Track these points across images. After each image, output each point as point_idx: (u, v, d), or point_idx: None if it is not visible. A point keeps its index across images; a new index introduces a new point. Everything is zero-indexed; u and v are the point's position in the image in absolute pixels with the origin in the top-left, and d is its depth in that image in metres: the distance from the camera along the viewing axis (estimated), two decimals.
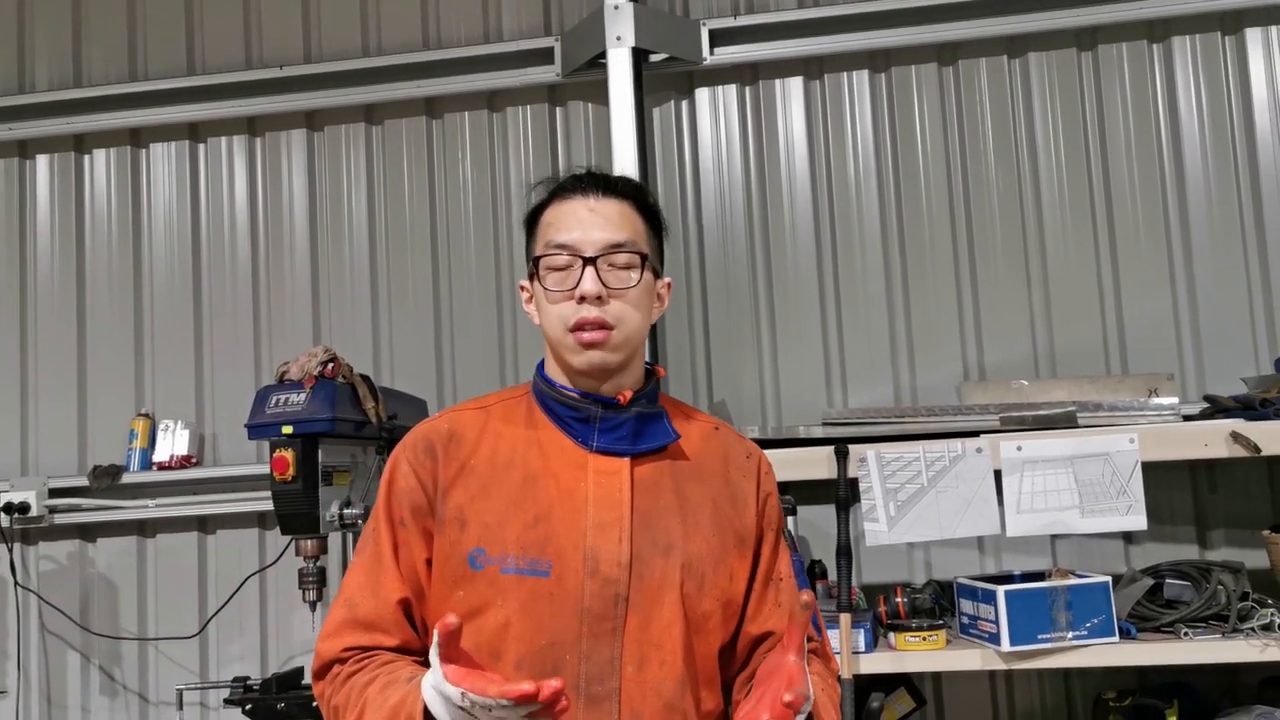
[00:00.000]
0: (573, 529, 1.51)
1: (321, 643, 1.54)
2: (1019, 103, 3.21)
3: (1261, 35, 3.12)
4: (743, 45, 3.27)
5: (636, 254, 1.56)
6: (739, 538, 1.60)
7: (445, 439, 1.58)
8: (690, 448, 1.63)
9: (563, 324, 1.53)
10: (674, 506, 1.56)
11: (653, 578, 1.51)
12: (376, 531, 1.58)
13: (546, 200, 1.62)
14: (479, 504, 1.53)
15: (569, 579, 1.49)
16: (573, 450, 1.56)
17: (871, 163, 3.25)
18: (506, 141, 3.41)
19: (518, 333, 3.33)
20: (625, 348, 1.55)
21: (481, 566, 1.50)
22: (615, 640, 1.49)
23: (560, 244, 1.54)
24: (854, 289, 3.22)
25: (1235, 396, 2.68)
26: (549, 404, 1.60)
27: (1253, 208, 3.08)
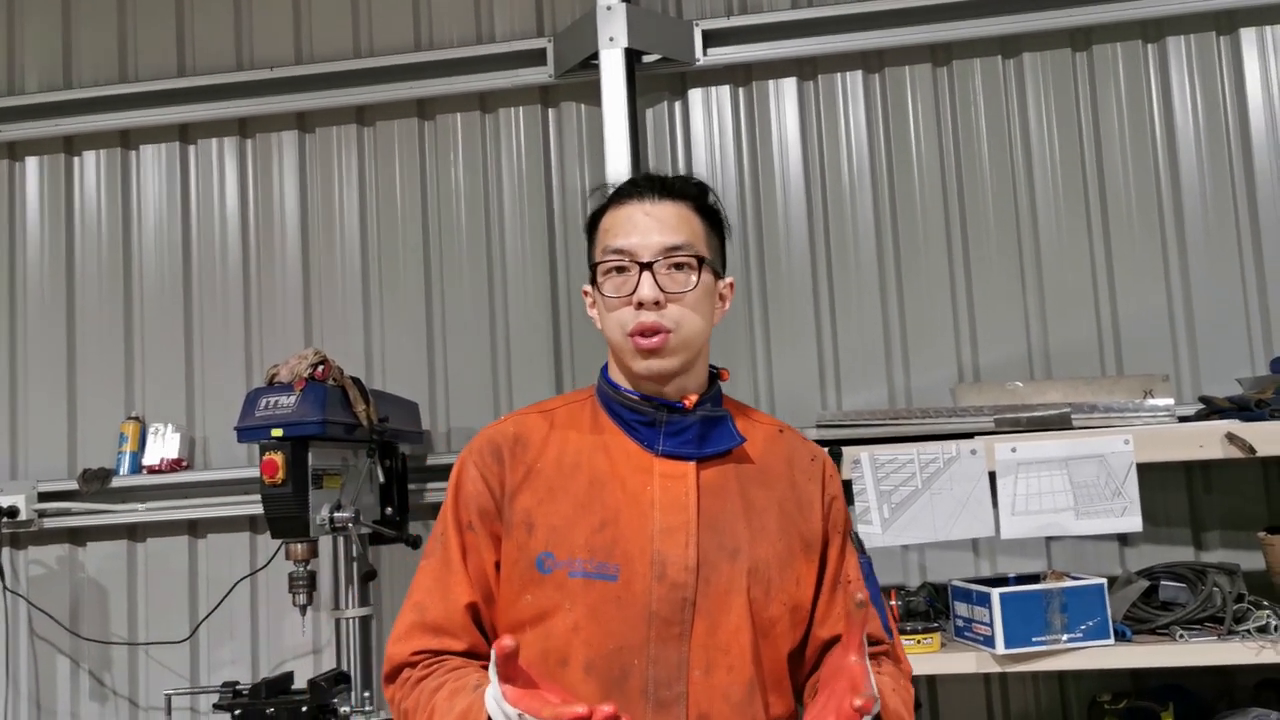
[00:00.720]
0: (640, 533, 1.52)
1: (391, 646, 1.56)
2: (1013, 103, 3.20)
3: (1256, 35, 3.11)
4: (736, 46, 3.26)
5: (694, 257, 1.57)
6: (805, 542, 1.61)
7: (511, 442, 1.60)
8: (755, 451, 1.63)
9: (622, 329, 1.55)
10: (740, 510, 1.57)
11: (719, 582, 1.52)
12: (445, 535, 1.59)
13: (605, 205, 1.64)
14: (546, 507, 1.55)
15: (636, 583, 1.50)
16: (638, 454, 1.58)
17: (865, 164, 3.24)
18: (499, 143, 3.40)
19: (509, 335, 3.32)
20: (685, 351, 1.56)
21: (549, 570, 1.51)
22: (683, 644, 1.49)
23: (617, 249, 1.56)
24: (848, 290, 3.21)
25: (1230, 397, 2.67)
26: (614, 407, 1.61)
27: (1248, 208, 3.07)
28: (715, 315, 1.63)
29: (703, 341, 1.59)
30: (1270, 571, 2.62)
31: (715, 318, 1.63)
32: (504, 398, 3.30)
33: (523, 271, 3.34)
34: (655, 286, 1.53)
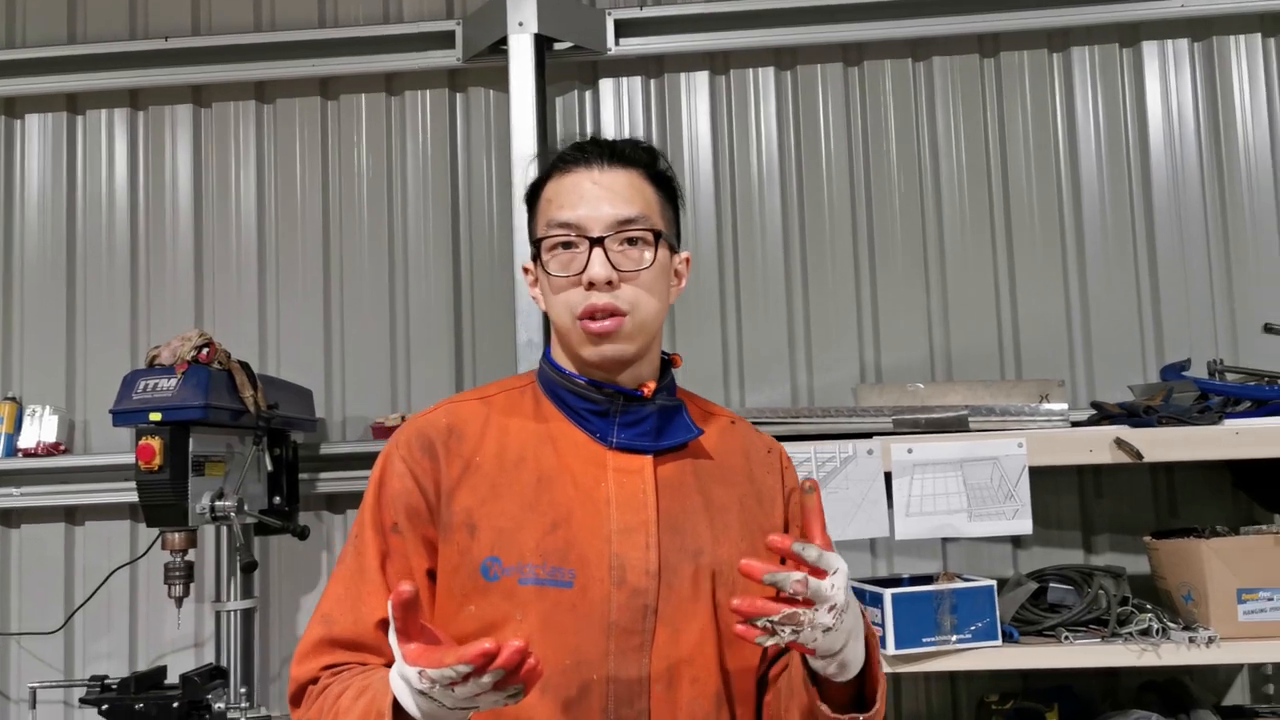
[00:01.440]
0: (596, 534, 1.38)
1: (295, 666, 1.38)
2: (922, 106, 3.22)
3: (1158, 49, 3.16)
4: (649, 37, 3.22)
5: (649, 230, 1.43)
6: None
7: (444, 434, 1.44)
8: (710, 444, 1.52)
9: (570, 312, 1.41)
10: (700, 508, 1.45)
11: (682, 587, 1.39)
12: (360, 538, 1.43)
13: (546, 173, 1.49)
14: (489, 507, 1.39)
15: (594, 590, 1.36)
16: (589, 446, 1.44)
17: (775, 161, 3.23)
18: (404, 125, 3.31)
19: (410, 323, 3.24)
20: (640, 336, 1.43)
21: (496, 577, 1.36)
22: (643, 657, 1.36)
23: (563, 223, 1.42)
24: (754, 288, 3.19)
25: (1121, 404, 2.70)
26: (561, 395, 1.47)
27: (1145, 220, 3.12)
28: (671, 294, 1.50)
29: (658, 325, 1.46)
30: (1155, 575, 2.67)
31: (671, 296, 1.49)
32: (402, 387, 3.22)
33: (425, 258, 3.26)
34: (607, 264, 1.39)
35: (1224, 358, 3.00)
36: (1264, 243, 3.07)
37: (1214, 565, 2.46)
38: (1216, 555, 2.47)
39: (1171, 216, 3.11)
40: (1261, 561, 2.46)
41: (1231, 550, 2.48)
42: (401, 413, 3.15)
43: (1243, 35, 3.13)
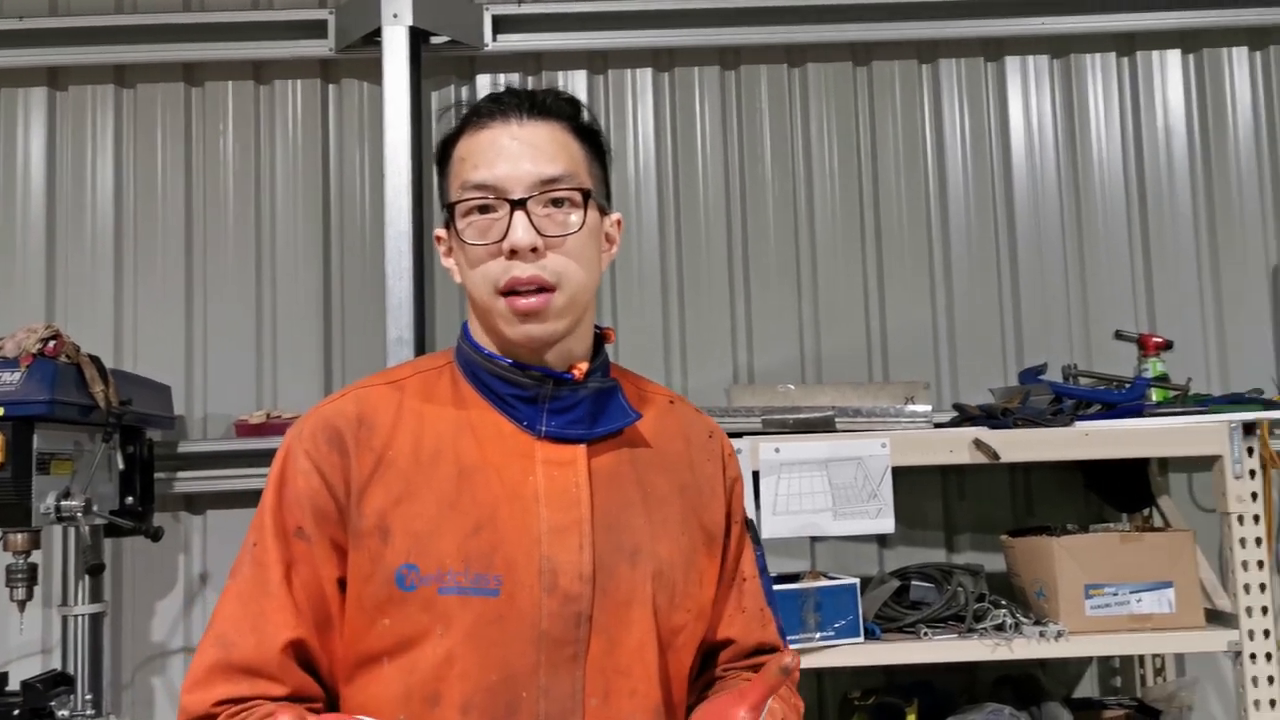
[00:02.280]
0: (524, 535, 1.23)
1: (187, 694, 1.21)
2: (797, 112, 3.26)
3: (1020, 63, 3.27)
4: (526, 34, 3.20)
5: (577, 190, 1.26)
6: (708, 534, 1.37)
7: (354, 425, 1.27)
8: (649, 429, 1.36)
9: (491, 286, 1.25)
10: (638, 502, 1.31)
11: (618, 591, 1.25)
12: (260, 547, 1.25)
13: (459, 129, 1.32)
14: (404, 508, 1.24)
15: (522, 597, 1.22)
16: (514, 435, 1.28)
17: (651, 162, 3.24)
18: (273, 115, 3.22)
19: (277, 318, 3.15)
20: (571, 311, 1.27)
21: (413, 586, 1.21)
22: (576, 668, 1.23)
23: (479, 184, 1.25)
24: (629, 288, 3.19)
25: (982, 406, 2.78)
26: (482, 377, 1.31)
27: (1007, 229, 3.22)
28: (603, 260, 1.33)
29: (590, 297, 1.29)
30: (1011, 572, 2.76)
31: (603, 263, 1.33)
32: (268, 383, 3.13)
33: (294, 251, 3.18)
34: (531, 229, 1.23)
35: (1078, 362, 3.12)
36: (1116, 253, 3.20)
37: (1064, 562, 2.55)
38: (1066, 552, 2.56)
39: (1031, 226, 3.21)
40: (1107, 558, 2.56)
41: (1080, 548, 2.57)
42: (267, 410, 3.06)
43: (1098, 54, 3.26)
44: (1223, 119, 3.24)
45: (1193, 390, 2.95)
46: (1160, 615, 2.54)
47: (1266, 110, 3.24)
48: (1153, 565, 2.57)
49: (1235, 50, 3.26)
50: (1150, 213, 3.21)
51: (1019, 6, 3.21)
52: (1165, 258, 3.20)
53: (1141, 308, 3.19)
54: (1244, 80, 3.25)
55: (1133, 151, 3.24)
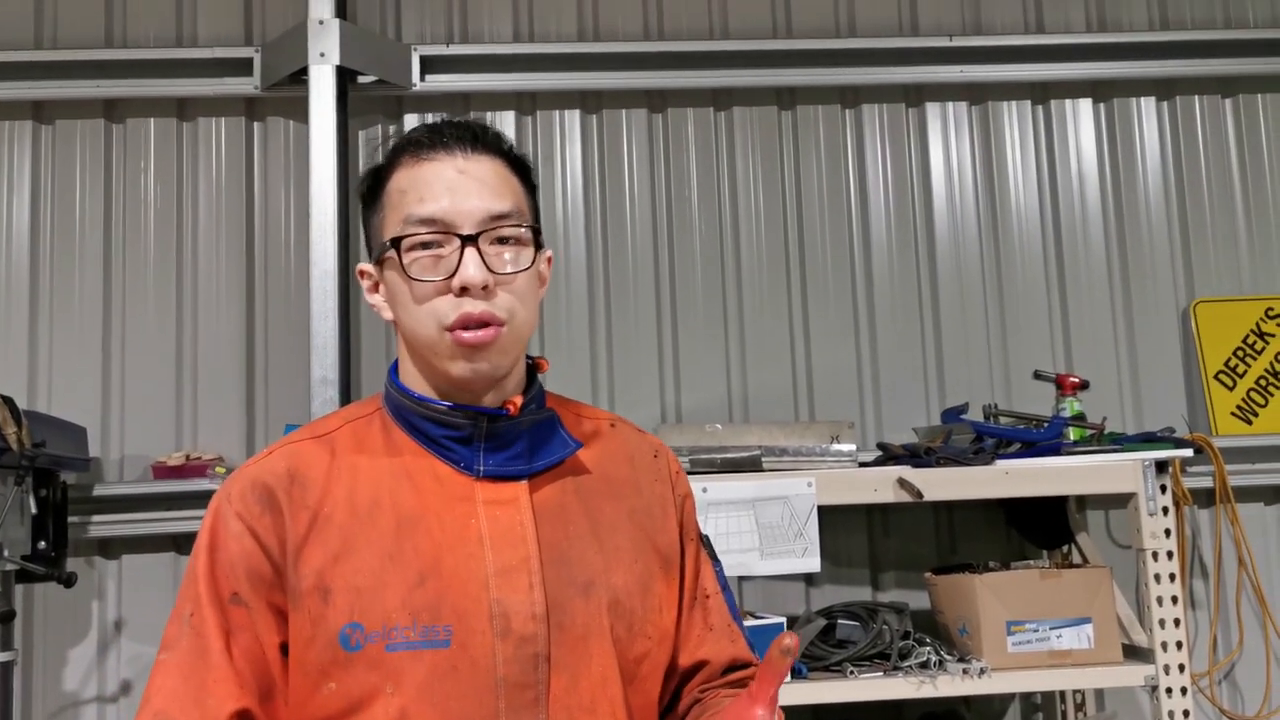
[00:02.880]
0: (471, 580, 1.19)
1: None
2: (723, 155, 3.31)
3: (940, 110, 3.36)
4: (455, 75, 3.21)
5: (526, 227, 1.24)
6: (663, 557, 1.32)
7: (285, 482, 1.22)
8: (591, 456, 1.33)
9: (438, 323, 1.20)
10: (586, 532, 1.27)
11: (574, 626, 1.22)
12: (197, 616, 1.19)
13: (393, 160, 1.27)
14: (344, 564, 1.19)
15: (475, 644, 1.17)
16: (452, 478, 1.24)
17: (580, 203, 3.25)
18: (197, 153, 3.18)
19: (198, 360, 3.09)
20: (515, 349, 1.24)
21: (359, 646, 1.16)
22: (539, 711, 1.18)
23: (426, 218, 1.20)
24: (557, 328, 3.19)
25: (905, 445, 2.82)
26: (414, 421, 1.26)
27: (929, 270, 3.29)
28: (539, 299, 1.31)
29: (530, 335, 1.27)
30: (935, 610, 2.79)
31: (539, 303, 1.31)
32: (188, 424, 3.07)
33: (216, 291, 3.13)
34: (483, 266, 1.19)
35: (998, 402, 3.18)
36: (1034, 295, 3.28)
37: (986, 599, 2.59)
38: (988, 590, 2.59)
39: (952, 268, 3.28)
40: (1028, 595, 2.60)
41: (1002, 585, 2.61)
42: (186, 451, 2.99)
43: (1014, 101, 3.36)
44: (1133, 166, 3.35)
45: (1108, 429, 3.02)
46: (1080, 651, 2.59)
47: (1174, 158, 3.35)
48: (1072, 602, 2.62)
49: (1144, 100, 3.37)
50: (1066, 256, 3.30)
51: (938, 54, 3.30)
52: (1081, 300, 3.29)
53: (1059, 348, 3.27)
54: (1152, 129, 3.37)
55: (1048, 196, 3.34)
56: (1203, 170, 3.35)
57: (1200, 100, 3.38)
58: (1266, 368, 3.21)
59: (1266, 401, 3.18)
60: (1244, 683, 3.11)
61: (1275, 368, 3.20)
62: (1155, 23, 3.39)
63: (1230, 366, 3.21)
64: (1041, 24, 3.38)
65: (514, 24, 3.28)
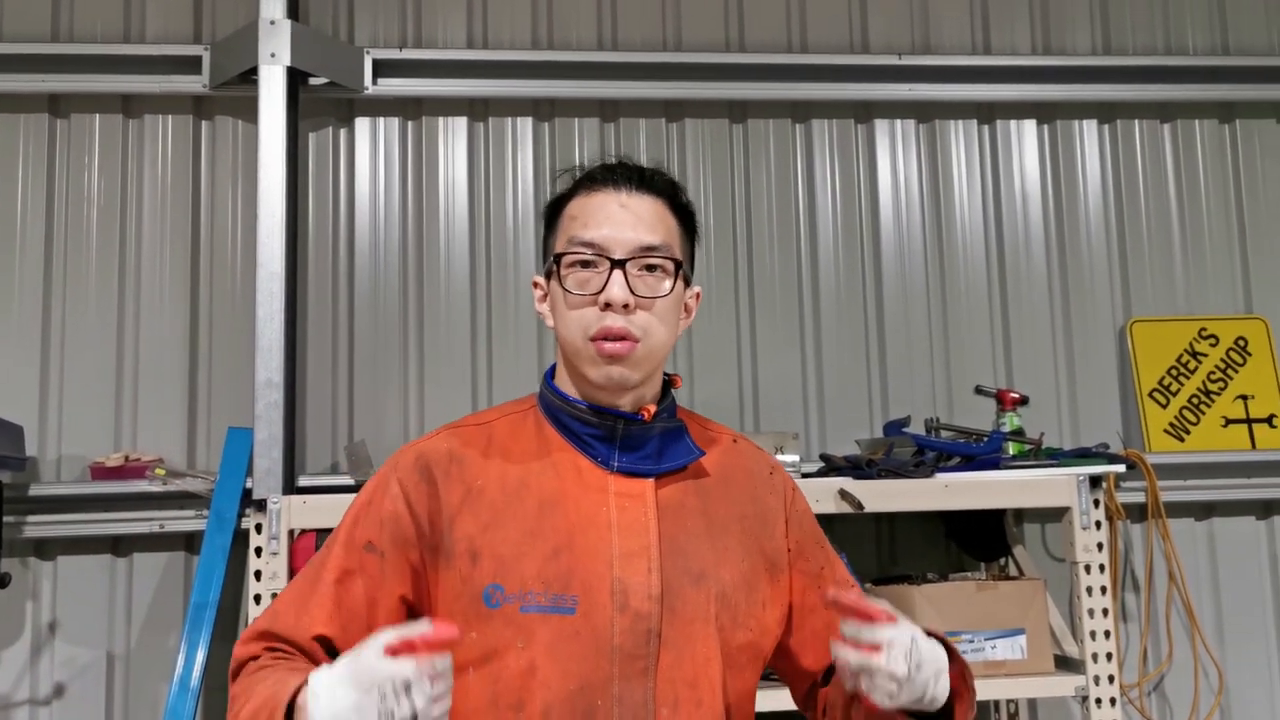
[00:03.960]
0: (598, 559, 1.37)
1: (238, 646, 1.39)
2: (674, 165, 3.33)
3: (888, 127, 3.40)
4: (407, 79, 3.20)
5: (670, 260, 1.43)
6: (769, 561, 1.48)
7: (445, 460, 1.42)
8: (712, 464, 1.50)
9: (583, 331, 1.39)
10: (702, 530, 1.44)
11: (685, 610, 1.38)
12: (328, 549, 1.42)
13: (571, 191, 1.48)
14: (491, 534, 1.38)
15: (597, 615, 1.35)
16: (590, 471, 1.42)
17: (531, 209, 3.26)
18: (142, 151, 3.15)
19: (140, 359, 3.06)
20: (648, 364, 1.42)
21: (498, 604, 1.35)
22: (647, 680, 1.35)
23: (586, 241, 1.40)
24: (506, 333, 3.20)
25: (847, 456, 2.86)
26: (562, 419, 1.45)
27: (874, 285, 3.33)
28: (680, 325, 1.49)
29: (667, 353, 1.46)
30: None
31: (679, 328, 1.49)
32: (128, 425, 3.03)
33: (159, 290, 3.10)
34: (626, 287, 1.38)
35: (940, 416, 3.23)
36: (977, 311, 3.34)
37: (924, 610, 2.62)
38: (926, 601, 2.63)
39: (898, 284, 3.33)
40: (964, 606, 2.64)
41: (939, 596, 2.65)
42: (125, 452, 2.95)
43: (961, 120, 3.42)
44: (1074, 187, 3.42)
45: (1045, 444, 3.08)
46: (1013, 661, 2.64)
47: (1114, 180, 3.43)
48: (1006, 613, 2.67)
49: (1086, 123, 3.45)
50: (1008, 273, 3.36)
51: (888, 72, 3.35)
52: (1022, 317, 3.35)
53: (1000, 364, 3.33)
54: (1094, 151, 3.44)
55: (992, 214, 3.40)
56: (1141, 193, 3.43)
57: (1140, 124, 3.46)
58: (1199, 386, 3.29)
59: (1198, 419, 3.26)
60: (1172, 694, 3.18)
61: (1207, 387, 3.29)
62: (1098, 47, 3.47)
63: (1164, 385, 3.28)
64: (989, 45, 3.45)
65: (468, 30, 3.28)
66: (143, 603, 2.97)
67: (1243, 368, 3.30)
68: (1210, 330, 3.33)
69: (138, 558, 2.97)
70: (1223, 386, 3.29)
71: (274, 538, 2.55)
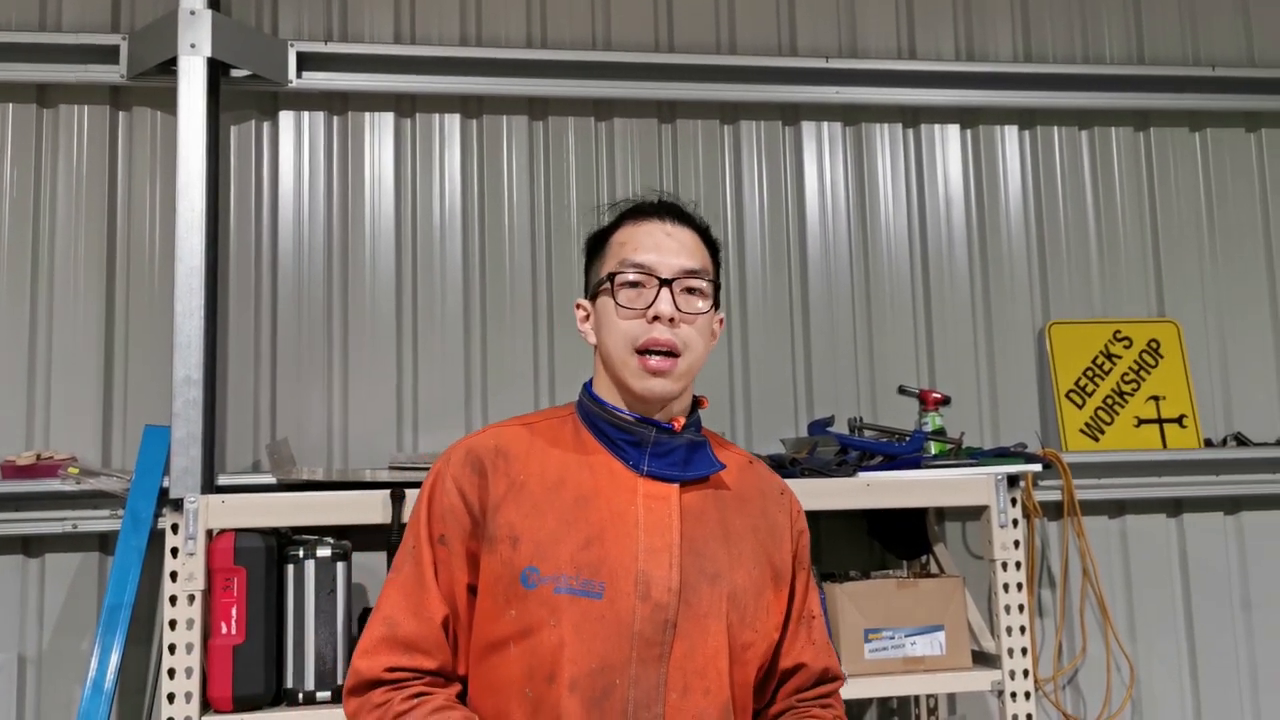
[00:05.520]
0: (625, 552, 1.52)
1: (359, 659, 1.52)
2: (603, 164, 3.33)
3: (815, 129, 3.44)
4: (333, 73, 3.16)
5: (709, 283, 1.62)
6: (775, 571, 1.64)
7: (493, 454, 1.58)
8: (731, 479, 1.66)
9: (630, 342, 1.56)
10: (719, 535, 1.59)
11: (700, 605, 1.53)
12: (417, 550, 1.57)
13: (618, 222, 1.67)
14: (531, 521, 1.53)
15: (621, 602, 1.50)
16: (622, 473, 1.57)
17: (458, 207, 3.24)
18: (57, 141, 3.07)
19: (52, 355, 2.98)
20: (687, 377, 1.59)
21: (534, 585, 1.50)
22: (661, 666, 1.50)
23: (638, 263, 1.58)
24: (432, 331, 3.17)
25: (772, 455, 2.88)
26: (599, 425, 1.61)
27: (800, 286, 3.36)
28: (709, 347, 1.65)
29: (699, 369, 1.62)
30: None
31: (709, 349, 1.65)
32: (40, 422, 2.95)
33: (73, 285, 3.02)
34: (672, 304, 1.56)
35: (864, 415, 3.27)
36: (900, 312, 3.39)
37: (845, 607, 2.66)
38: (848, 598, 2.67)
39: (823, 284, 3.37)
40: (885, 604, 2.68)
41: (861, 594, 2.69)
42: (37, 450, 2.88)
43: (886, 124, 3.46)
44: (996, 192, 3.49)
45: (966, 444, 3.14)
46: (932, 657, 2.69)
47: (1034, 185, 3.50)
48: (926, 610, 2.71)
49: (1007, 128, 3.52)
50: (932, 275, 3.42)
51: (815, 75, 3.38)
52: (945, 319, 3.40)
53: (923, 365, 3.38)
54: (1015, 156, 3.51)
55: (916, 217, 3.45)
56: (1060, 198, 3.51)
57: (1059, 131, 3.54)
58: (1113, 388, 3.37)
59: (1112, 420, 3.34)
60: (1086, 688, 3.26)
61: (1121, 388, 3.37)
62: (1019, 54, 3.54)
63: (1080, 386, 3.36)
64: (914, 50, 3.50)
65: (395, 25, 3.25)
66: (55, 604, 2.89)
67: (1155, 369, 3.39)
68: (1125, 333, 3.42)
69: (50, 558, 2.90)
70: (1136, 388, 3.38)
71: (191, 538, 2.50)
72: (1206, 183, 3.59)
